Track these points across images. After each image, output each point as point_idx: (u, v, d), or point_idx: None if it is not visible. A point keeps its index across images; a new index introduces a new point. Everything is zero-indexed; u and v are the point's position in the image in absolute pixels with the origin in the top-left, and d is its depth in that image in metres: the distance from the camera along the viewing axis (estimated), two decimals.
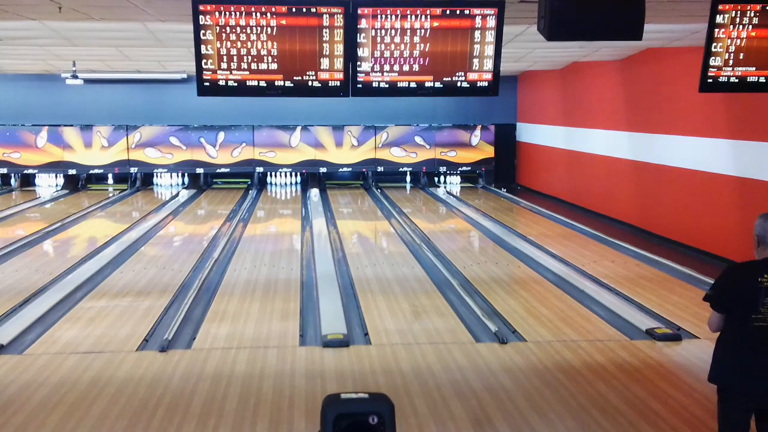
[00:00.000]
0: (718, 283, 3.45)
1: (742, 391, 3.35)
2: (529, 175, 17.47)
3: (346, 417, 1.87)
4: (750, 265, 3.37)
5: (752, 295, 3.23)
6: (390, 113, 17.45)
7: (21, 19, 7.30)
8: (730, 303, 3.34)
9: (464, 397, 5.06)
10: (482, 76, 5.47)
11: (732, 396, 3.41)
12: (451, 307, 7.31)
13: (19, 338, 6.33)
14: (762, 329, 3.24)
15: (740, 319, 3.29)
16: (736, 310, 3.32)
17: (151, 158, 17.20)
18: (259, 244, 11.05)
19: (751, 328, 3.25)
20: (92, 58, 12.30)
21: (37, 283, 8.19)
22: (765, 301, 3.22)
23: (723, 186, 9.36)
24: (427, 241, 10.78)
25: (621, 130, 12.39)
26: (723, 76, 5.66)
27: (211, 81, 5.27)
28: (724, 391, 3.45)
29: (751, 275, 3.28)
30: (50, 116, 17.01)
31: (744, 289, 3.28)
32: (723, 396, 3.46)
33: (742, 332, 3.30)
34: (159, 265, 9.26)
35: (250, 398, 5.06)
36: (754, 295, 3.23)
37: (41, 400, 4.99)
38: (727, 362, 3.41)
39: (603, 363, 5.72)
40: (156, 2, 6.55)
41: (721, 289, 3.41)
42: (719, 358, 3.46)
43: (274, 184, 17.78)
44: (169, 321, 6.78)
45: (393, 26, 5.26)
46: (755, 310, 3.23)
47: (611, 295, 7.70)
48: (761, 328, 3.24)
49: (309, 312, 7.20)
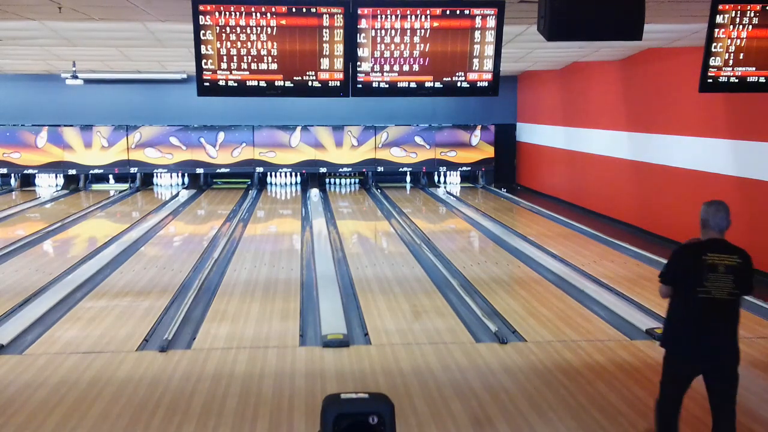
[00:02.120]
0: (670, 260, 3.94)
1: (686, 355, 3.81)
2: (529, 175, 17.47)
3: (346, 417, 1.88)
4: (696, 244, 3.83)
5: (698, 270, 3.70)
6: (390, 113, 17.45)
7: (21, 19, 7.30)
8: (678, 277, 3.82)
9: (464, 397, 5.06)
10: (482, 76, 5.47)
11: (677, 359, 3.87)
12: (451, 307, 7.31)
13: (19, 338, 6.33)
14: (706, 300, 3.69)
15: (688, 291, 3.74)
16: (685, 283, 3.77)
17: (151, 158, 17.20)
18: (259, 244, 11.05)
19: (697, 299, 3.70)
20: (92, 58, 12.30)
21: (37, 283, 8.19)
22: (708, 276, 3.68)
23: (723, 186, 9.36)
24: (427, 241, 10.78)
25: (621, 130, 12.39)
26: (723, 76, 5.66)
27: (211, 81, 5.27)
28: (672, 355, 3.90)
29: (697, 253, 3.75)
30: (50, 116, 17.01)
31: (691, 265, 3.75)
32: (669, 360, 3.91)
33: (688, 303, 3.76)
34: (159, 265, 9.26)
35: (250, 398, 5.06)
36: (699, 270, 3.70)
37: (41, 400, 5.00)
38: (675, 329, 3.86)
39: (603, 363, 5.72)
40: (156, 2, 6.55)
41: (672, 266, 3.89)
42: (669, 327, 3.92)
43: (274, 184, 17.78)
44: (169, 321, 6.79)
45: (393, 26, 5.26)
46: (700, 283, 3.69)
47: (611, 295, 7.70)
48: (705, 300, 3.69)
49: (309, 312, 7.21)
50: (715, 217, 3.77)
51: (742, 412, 4.84)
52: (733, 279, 3.70)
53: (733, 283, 3.70)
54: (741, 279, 3.73)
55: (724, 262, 3.70)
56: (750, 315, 7.05)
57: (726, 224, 3.78)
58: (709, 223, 3.78)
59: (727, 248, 3.75)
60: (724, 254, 3.72)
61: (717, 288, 3.68)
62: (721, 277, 3.69)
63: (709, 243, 3.78)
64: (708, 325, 3.74)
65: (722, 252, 3.73)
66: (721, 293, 3.69)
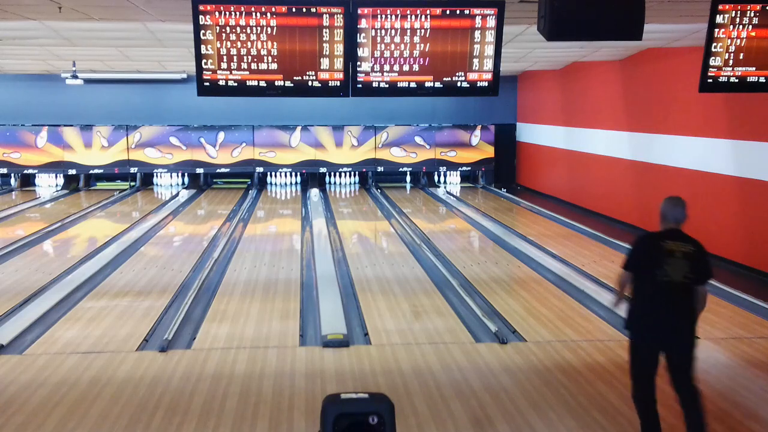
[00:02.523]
0: (632, 249, 4.30)
1: (648, 334, 4.18)
2: (529, 175, 17.47)
3: (346, 417, 1.87)
4: (655, 234, 4.23)
5: (657, 256, 4.09)
6: (390, 113, 17.45)
7: (21, 19, 7.30)
8: (640, 263, 4.20)
9: (464, 397, 5.06)
10: (482, 76, 5.47)
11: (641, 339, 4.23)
12: (451, 307, 7.31)
13: (19, 338, 6.33)
14: (666, 283, 4.07)
15: (649, 276, 4.11)
16: (646, 269, 4.14)
17: (151, 158, 17.20)
18: (259, 244, 11.05)
19: (658, 283, 4.08)
20: (92, 58, 12.30)
21: (37, 283, 8.19)
22: (667, 260, 4.06)
23: (723, 186, 9.36)
24: (427, 241, 10.78)
25: (621, 130, 12.39)
26: (723, 76, 5.66)
27: (211, 81, 5.27)
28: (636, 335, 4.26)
29: (656, 241, 4.16)
30: (50, 116, 17.01)
31: (651, 252, 4.14)
32: (634, 342, 4.27)
33: (650, 287, 4.13)
34: (159, 265, 9.26)
35: (250, 398, 5.06)
36: (658, 255, 4.09)
37: (41, 400, 4.99)
38: (638, 312, 4.21)
39: (603, 363, 5.72)
40: (156, 2, 6.55)
41: (634, 254, 4.27)
42: (632, 310, 4.25)
43: (274, 184, 17.78)
44: (169, 321, 6.79)
45: (393, 26, 5.26)
46: (660, 267, 4.07)
47: (611, 295, 7.68)
48: (665, 282, 4.07)
49: (309, 312, 7.21)
50: (673, 211, 4.18)
51: (743, 412, 4.86)
52: (689, 264, 4.07)
53: (688, 268, 4.07)
54: (696, 265, 4.10)
55: (681, 249, 4.08)
56: (750, 315, 7.06)
57: (682, 217, 4.19)
58: (667, 216, 4.19)
59: (683, 237, 4.15)
60: (680, 242, 4.11)
61: (675, 271, 4.06)
62: (678, 261, 4.06)
63: (666, 232, 4.17)
64: (667, 306, 4.11)
65: (678, 240, 4.12)
66: (678, 276, 4.06)
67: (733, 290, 7.77)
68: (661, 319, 4.12)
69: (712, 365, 5.78)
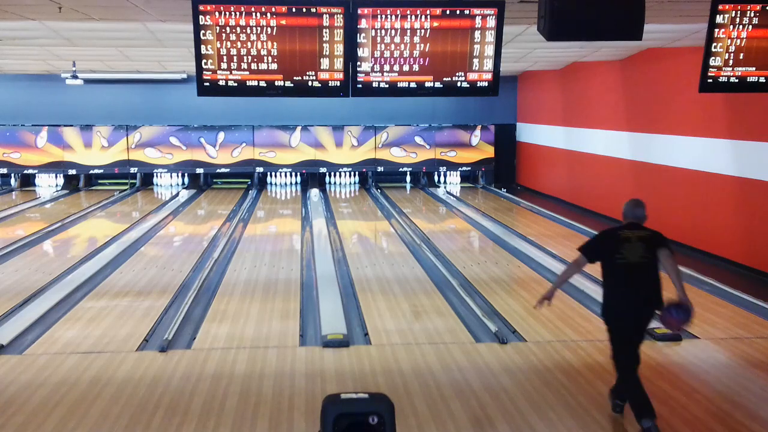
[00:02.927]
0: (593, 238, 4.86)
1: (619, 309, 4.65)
2: (529, 175, 17.47)
3: (346, 417, 1.87)
4: (615, 227, 4.78)
5: (615, 243, 4.61)
6: (390, 113, 17.45)
7: (21, 19, 7.30)
8: (602, 252, 4.67)
9: (464, 397, 5.06)
10: (482, 76, 5.47)
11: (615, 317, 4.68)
12: (451, 307, 7.31)
13: (19, 338, 6.33)
14: (624, 265, 4.58)
15: (610, 261, 4.62)
16: (607, 256, 4.64)
17: (151, 158, 17.20)
18: (259, 244, 11.05)
19: (618, 265, 4.59)
20: (92, 58, 12.30)
21: (37, 284, 8.19)
22: (624, 245, 4.58)
23: (722, 186, 9.36)
24: (427, 241, 10.78)
25: (621, 130, 12.39)
26: (723, 76, 5.66)
27: (211, 81, 5.27)
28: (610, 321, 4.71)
29: (615, 232, 4.71)
30: (50, 116, 17.01)
31: (609, 241, 4.67)
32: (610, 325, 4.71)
33: (613, 272, 4.63)
34: (159, 265, 9.26)
35: (250, 398, 5.06)
36: (617, 243, 4.60)
37: (41, 400, 4.99)
38: (608, 297, 4.69)
39: (603, 363, 5.71)
40: (156, 2, 6.55)
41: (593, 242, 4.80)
42: (604, 297, 4.72)
43: (274, 184, 17.78)
44: (169, 321, 6.78)
45: (393, 26, 5.26)
46: (618, 252, 4.58)
47: None
48: (624, 264, 4.58)
49: (309, 312, 7.20)
50: (632, 210, 4.73)
51: (743, 412, 4.85)
52: (644, 246, 4.59)
53: (643, 250, 4.58)
54: (651, 246, 4.60)
55: (636, 235, 4.62)
56: (750, 315, 7.06)
57: (642, 216, 4.72)
58: (627, 215, 4.75)
59: (639, 228, 4.68)
60: (636, 230, 4.65)
61: (631, 254, 4.57)
62: (633, 245, 4.58)
63: (625, 225, 4.72)
64: (629, 285, 4.61)
65: (634, 229, 4.66)
66: (635, 258, 4.56)
67: (733, 290, 7.77)
68: (626, 296, 4.62)
69: (712, 365, 5.78)
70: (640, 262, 4.57)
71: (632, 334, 4.66)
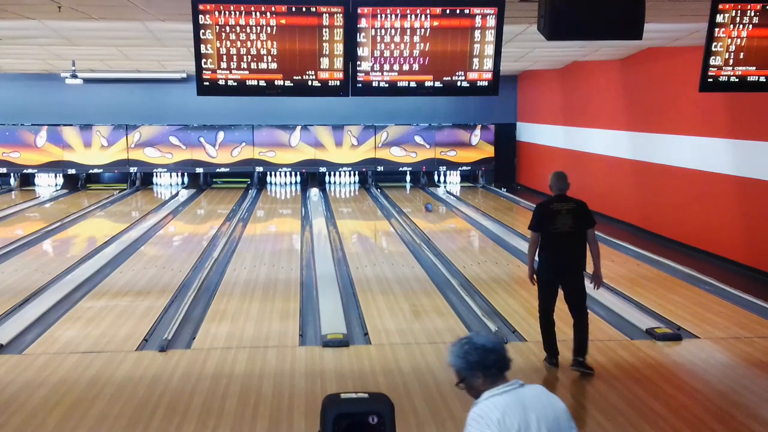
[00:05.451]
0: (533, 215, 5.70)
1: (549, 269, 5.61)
2: (529, 174, 17.46)
3: (346, 417, 1.87)
4: (547, 200, 5.71)
5: (549, 215, 5.57)
6: (390, 113, 17.44)
7: (21, 19, 7.29)
8: (541, 222, 5.61)
9: (464, 397, 5.04)
10: (482, 75, 5.47)
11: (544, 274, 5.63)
12: (451, 307, 7.31)
13: (19, 338, 6.33)
14: (557, 234, 5.54)
15: (546, 230, 5.58)
16: (544, 226, 5.58)
17: (151, 158, 17.20)
18: (258, 243, 11.05)
19: (552, 233, 5.56)
20: (92, 58, 12.30)
21: (37, 283, 8.18)
22: (557, 217, 5.52)
23: (723, 186, 9.35)
24: (426, 240, 10.77)
25: (621, 129, 12.38)
26: (723, 75, 5.65)
27: (210, 80, 5.26)
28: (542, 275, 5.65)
29: (548, 205, 5.63)
30: (50, 116, 17.00)
31: (545, 213, 5.60)
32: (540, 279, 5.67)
33: (547, 238, 5.58)
34: (159, 265, 9.25)
35: (250, 398, 5.06)
36: (550, 215, 5.57)
37: (41, 400, 4.99)
38: (543, 258, 5.63)
39: (603, 363, 5.71)
40: (156, 1, 6.55)
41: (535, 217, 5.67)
42: (540, 258, 5.66)
43: (274, 183, 17.78)
44: (168, 321, 6.78)
45: (393, 26, 5.25)
46: (552, 223, 5.54)
47: (611, 295, 7.69)
48: (556, 233, 5.54)
49: (309, 312, 7.20)
50: (557, 183, 5.64)
51: (743, 412, 4.85)
52: (572, 218, 5.52)
53: (572, 221, 5.52)
54: (578, 217, 5.53)
55: (565, 207, 5.55)
56: (750, 315, 7.05)
57: (565, 187, 5.63)
58: (553, 188, 5.66)
59: (566, 200, 5.60)
60: (564, 203, 5.57)
61: (562, 224, 5.51)
62: (563, 216, 5.52)
63: (555, 198, 5.63)
64: (560, 250, 5.55)
65: (563, 202, 5.58)
66: (565, 227, 5.51)
67: (733, 290, 7.76)
68: (557, 259, 5.56)
69: (712, 365, 5.78)
70: (570, 231, 5.53)
71: (556, 289, 5.61)
